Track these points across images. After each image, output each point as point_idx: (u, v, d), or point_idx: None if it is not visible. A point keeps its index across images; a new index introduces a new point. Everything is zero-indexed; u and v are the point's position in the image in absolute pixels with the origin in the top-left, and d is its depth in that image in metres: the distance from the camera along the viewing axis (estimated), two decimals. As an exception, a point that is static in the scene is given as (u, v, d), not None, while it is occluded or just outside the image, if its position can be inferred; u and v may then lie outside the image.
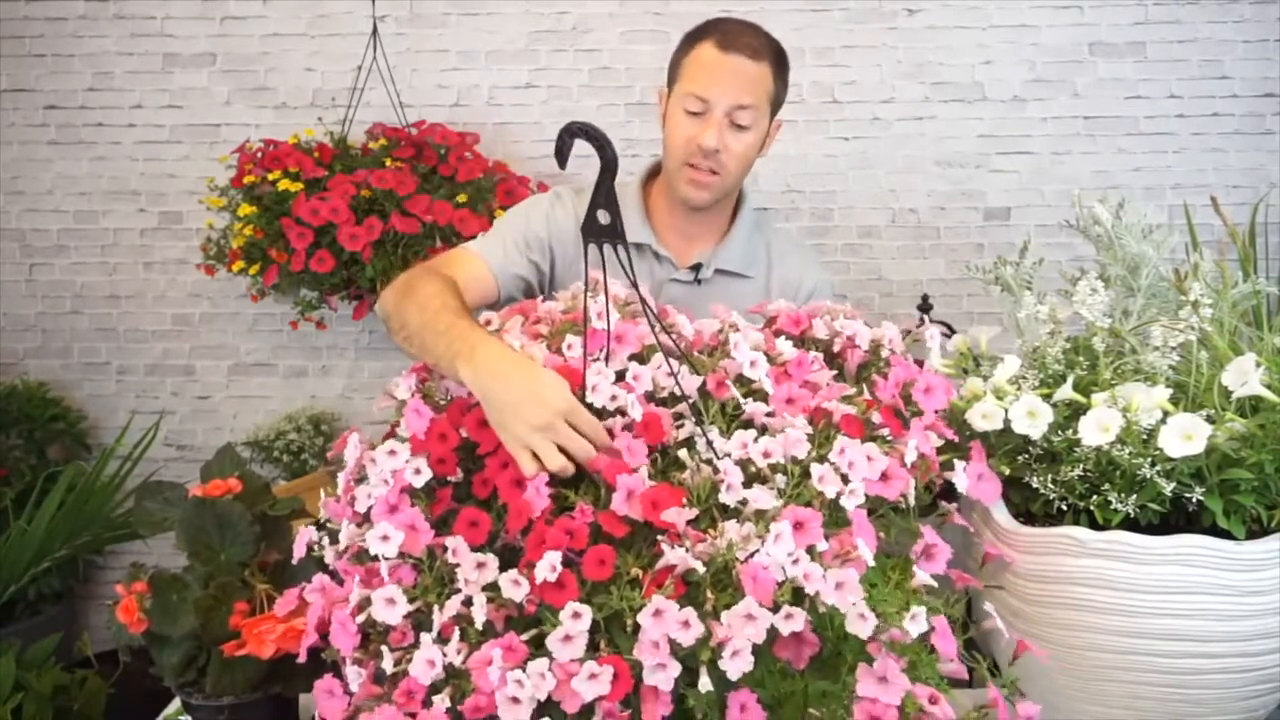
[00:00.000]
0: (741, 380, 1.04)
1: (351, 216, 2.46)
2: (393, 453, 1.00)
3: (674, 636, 0.84)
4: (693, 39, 1.51)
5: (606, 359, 1.04)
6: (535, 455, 0.97)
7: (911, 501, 0.99)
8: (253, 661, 1.14)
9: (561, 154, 0.97)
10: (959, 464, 1.04)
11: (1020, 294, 1.28)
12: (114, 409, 3.00)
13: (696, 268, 1.58)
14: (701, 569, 0.86)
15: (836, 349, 1.14)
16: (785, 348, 1.08)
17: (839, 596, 0.86)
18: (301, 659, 1.04)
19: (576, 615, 0.86)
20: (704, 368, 1.05)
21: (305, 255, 2.47)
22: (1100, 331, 1.16)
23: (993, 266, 1.34)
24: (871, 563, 0.90)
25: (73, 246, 2.98)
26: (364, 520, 1.01)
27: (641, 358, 1.05)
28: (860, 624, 0.87)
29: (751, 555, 0.86)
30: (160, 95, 2.93)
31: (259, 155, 2.59)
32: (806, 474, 0.93)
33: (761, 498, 0.90)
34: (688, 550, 0.87)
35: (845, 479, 0.94)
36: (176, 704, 1.26)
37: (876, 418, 1.02)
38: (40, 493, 2.55)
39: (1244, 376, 1.03)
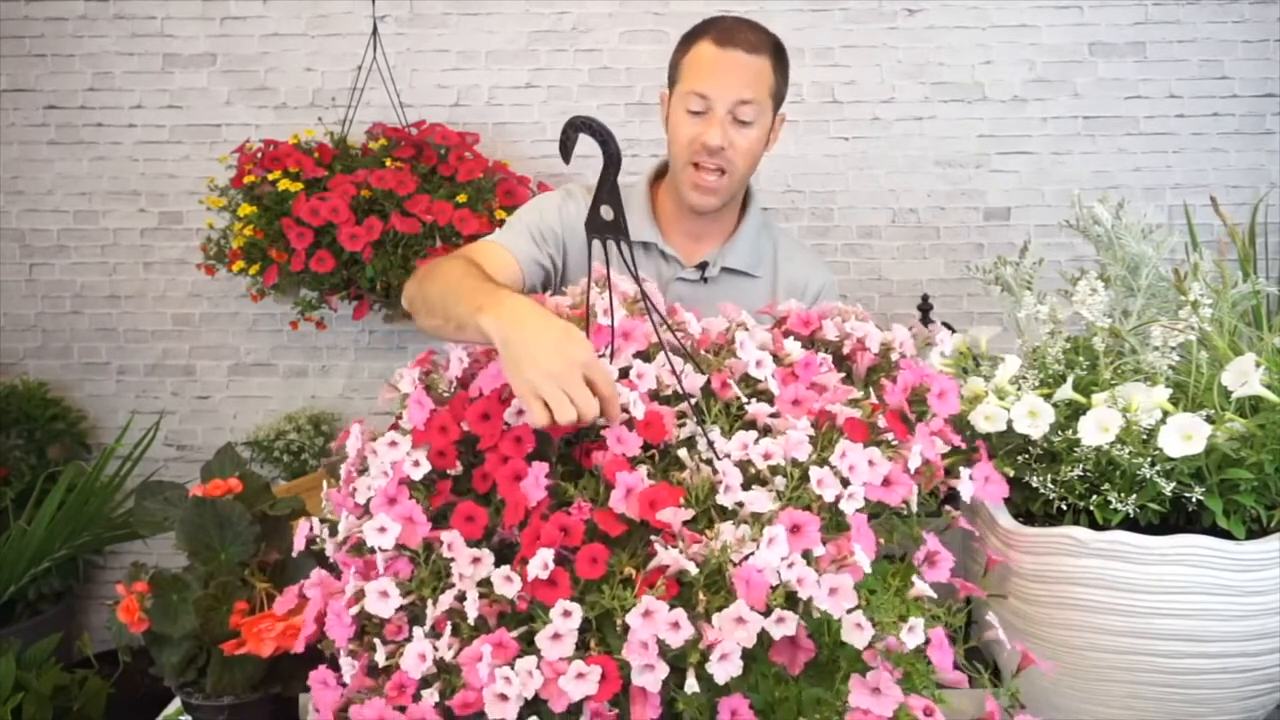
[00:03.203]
0: (747, 380, 1.03)
1: (351, 216, 2.46)
2: (393, 444, 1.00)
3: (663, 638, 0.83)
4: (690, 38, 1.51)
5: (611, 356, 1.03)
6: (548, 406, 0.95)
7: (914, 508, 0.98)
8: (252, 661, 1.14)
9: (565, 148, 0.96)
10: (964, 470, 1.02)
11: (1020, 294, 1.28)
12: (114, 409, 3.00)
13: (703, 266, 1.58)
14: (694, 570, 0.85)
15: (846, 351, 1.13)
16: (793, 349, 1.07)
17: (832, 603, 0.85)
18: (299, 648, 1.03)
19: (566, 614, 0.86)
20: (709, 366, 1.04)
21: (305, 255, 2.47)
22: (1100, 331, 1.16)
23: (993, 266, 1.35)
24: (868, 569, 0.88)
25: (73, 246, 2.98)
26: (364, 512, 1.01)
27: (648, 355, 1.04)
28: (857, 633, 0.86)
29: (746, 558, 0.85)
30: (160, 95, 2.93)
31: (259, 155, 2.59)
32: (806, 477, 0.92)
33: (758, 500, 0.89)
34: (681, 551, 0.86)
35: (845, 483, 0.92)
36: (176, 704, 1.26)
37: (882, 421, 1.01)
38: (40, 493, 2.55)
39: (1244, 376, 1.03)
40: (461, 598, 0.91)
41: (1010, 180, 2.88)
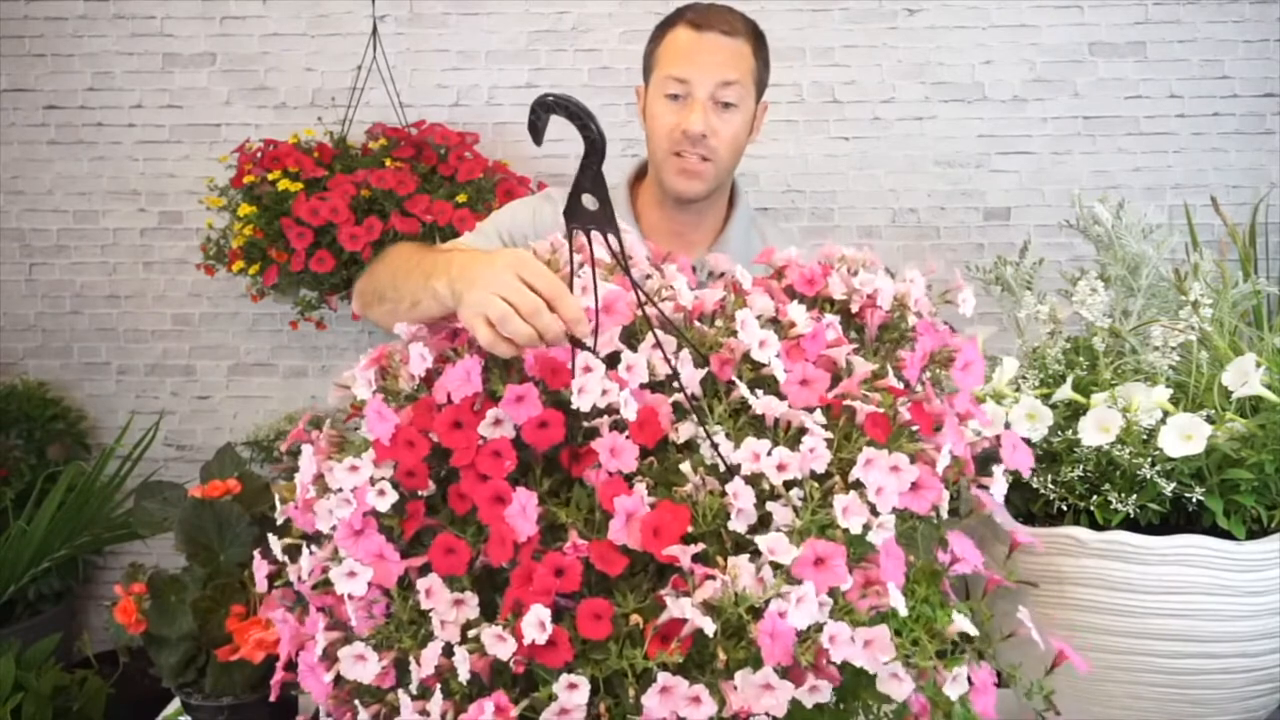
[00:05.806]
0: (748, 360, 0.91)
1: (351, 216, 2.46)
2: (354, 468, 0.87)
3: (684, 715, 0.74)
4: (664, 26, 1.47)
5: (595, 336, 0.90)
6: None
7: (944, 514, 0.89)
8: (250, 662, 1.13)
9: (535, 129, 0.84)
10: (997, 468, 0.93)
11: (1020, 294, 1.28)
12: (114, 409, 3.00)
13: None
14: (711, 629, 0.74)
15: (855, 309, 1.00)
16: (798, 315, 0.95)
17: (868, 656, 0.77)
18: (273, 697, 0.96)
19: (572, 686, 0.75)
20: (705, 343, 0.93)
21: (305, 255, 2.47)
22: (1100, 331, 1.16)
23: (993, 266, 1.34)
24: (904, 611, 0.80)
25: (73, 246, 2.98)
26: (326, 539, 0.90)
27: (635, 333, 0.92)
28: (895, 685, 0.78)
29: (767, 603, 0.76)
30: (160, 95, 2.93)
31: (259, 155, 2.59)
32: (828, 501, 0.82)
33: (778, 546, 0.78)
34: (693, 600, 0.76)
35: (873, 509, 0.82)
36: (176, 704, 1.26)
37: (905, 409, 0.89)
38: (40, 493, 2.55)
39: (1244, 376, 1.02)
40: (449, 652, 0.80)
41: (1010, 180, 2.88)
